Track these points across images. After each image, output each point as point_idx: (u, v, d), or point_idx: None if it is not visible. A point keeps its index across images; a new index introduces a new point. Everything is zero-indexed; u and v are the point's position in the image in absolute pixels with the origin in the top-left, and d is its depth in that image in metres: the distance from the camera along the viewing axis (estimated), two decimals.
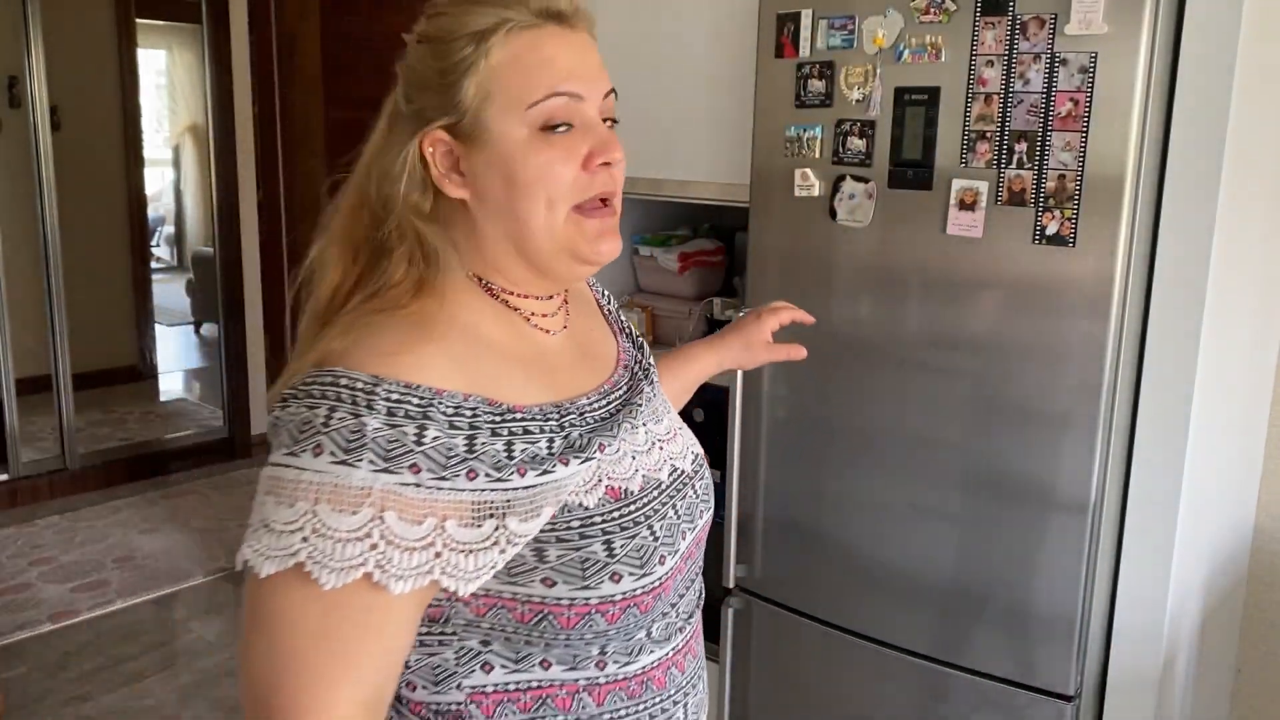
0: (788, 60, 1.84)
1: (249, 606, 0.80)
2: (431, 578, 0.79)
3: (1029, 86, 1.61)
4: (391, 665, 0.82)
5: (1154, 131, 1.59)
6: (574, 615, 0.86)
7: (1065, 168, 1.59)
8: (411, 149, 0.88)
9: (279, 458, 0.79)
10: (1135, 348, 1.66)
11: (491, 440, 0.82)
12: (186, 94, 5.37)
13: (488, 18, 0.86)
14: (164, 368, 5.40)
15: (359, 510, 0.77)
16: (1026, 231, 1.63)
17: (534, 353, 0.92)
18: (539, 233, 0.88)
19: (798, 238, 1.88)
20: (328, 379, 0.80)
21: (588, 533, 0.86)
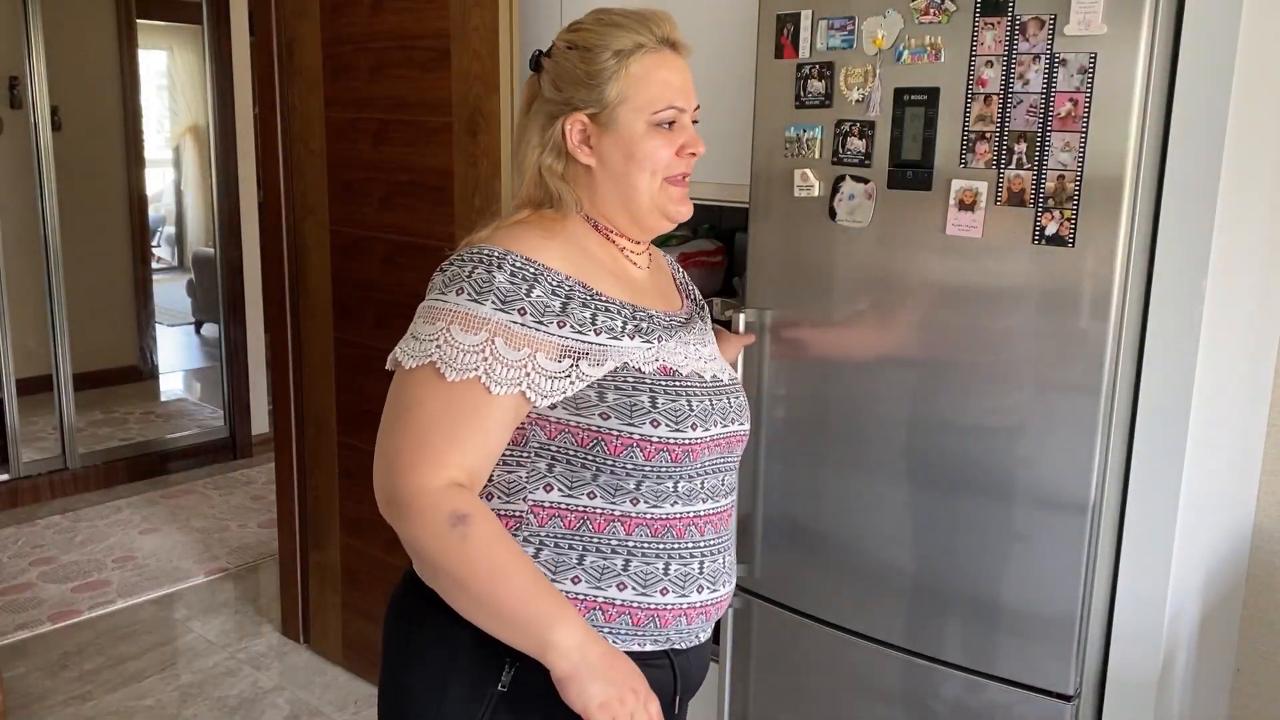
0: (787, 61, 1.84)
1: (392, 397, 1.16)
2: (520, 389, 1.13)
3: (1028, 87, 1.60)
4: (488, 454, 1.15)
5: (1153, 131, 1.59)
6: (619, 445, 1.17)
7: (1064, 168, 1.59)
8: (558, 125, 1.24)
9: (432, 297, 1.16)
10: (1135, 347, 1.66)
11: (581, 309, 1.17)
12: (187, 94, 5.38)
13: (626, 41, 1.22)
14: (165, 368, 5.40)
15: (479, 333, 1.12)
16: (1026, 232, 1.62)
17: (622, 272, 1.27)
18: (642, 194, 1.25)
19: (797, 238, 1.88)
20: (475, 251, 1.17)
21: (638, 387, 1.18)
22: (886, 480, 1.81)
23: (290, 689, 2.89)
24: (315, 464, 2.94)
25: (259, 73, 2.92)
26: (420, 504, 1.10)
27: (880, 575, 1.84)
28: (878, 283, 1.80)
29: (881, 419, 1.82)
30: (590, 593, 1.19)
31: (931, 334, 1.75)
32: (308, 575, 3.04)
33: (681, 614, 1.24)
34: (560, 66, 1.24)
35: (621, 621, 1.21)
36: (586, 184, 1.26)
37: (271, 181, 2.89)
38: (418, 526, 1.10)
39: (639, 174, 1.24)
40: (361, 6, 2.52)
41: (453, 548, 1.09)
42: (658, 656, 1.24)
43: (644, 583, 1.21)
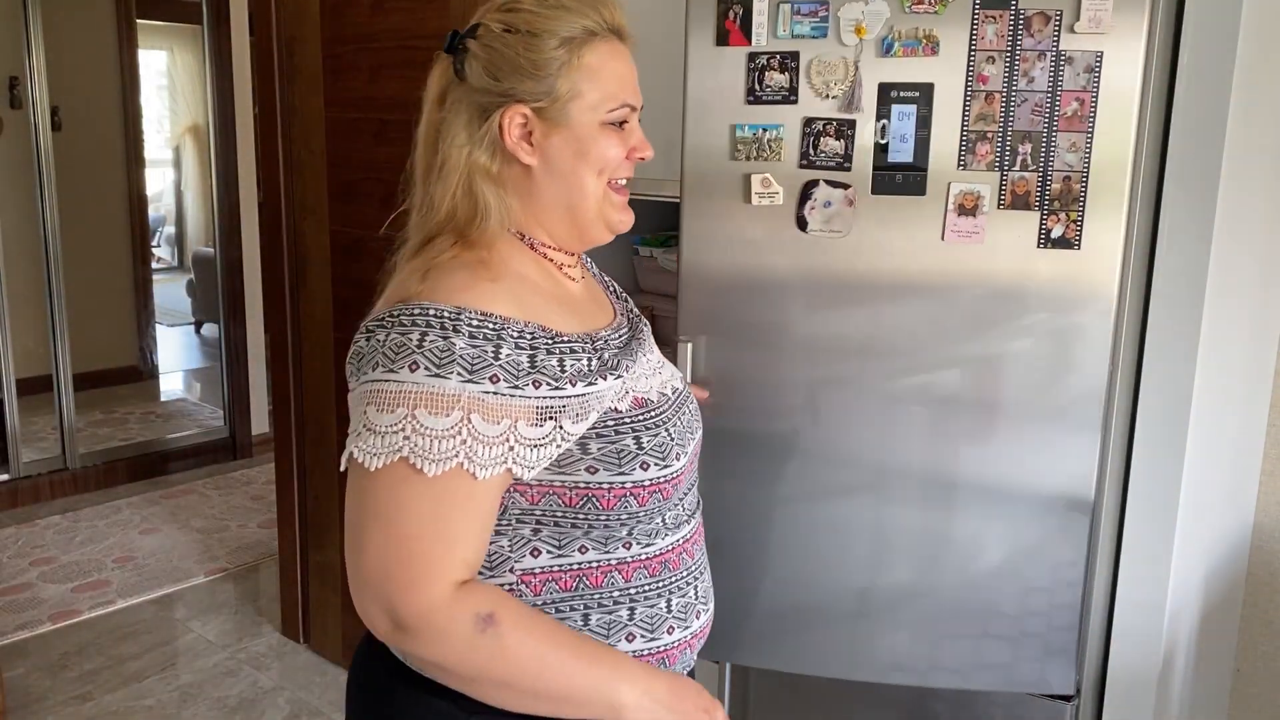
0: (735, 49, 1.65)
1: (358, 503, 0.99)
2: (506, 466, 1.00)
3: (1033, 85, 1.55)
4: (484, 540, 1.03)
5: (1154, 131, 1.59)
6: (612, 497, 1.07)
7: (1070, 169, 1.56)
8: (494, 119, 1.08)
9: (377, 375, 0.99)
10: (1135, 348, 1.66)
11: (548, 358, 1.03)
12: (187, 94, 5.37)
13: (575, 26, 1.08)
14: (164, 368, 5.40)
15: (450, 413, 0.97)
16: (1031, 235, 1.59)
17: (563, 294, 1.15)
18: (589, 198, 1.12)
19: (754, 251, 1.71)
20: (416, 311, 1.00)
21: (620, 429, 1.07)
22: (877, 501, 1.75)
23: (290, 689, 2.89)
24: (315, 464, 2.93)
25: (259, 73, 2.92)
26: (435, 623, 0.97)
27: (882, 576, 1.83)
28: (862, 294, 1.70)
29: (874, 430, 1.73)
30: None
31: (929, 340, 1.70)
32: (308, 575, 3.04)
33: (686, 645, 1.19)
34: (496, 52, 1.07)
35: None
36: (523, 189, 1.12)
37: (271, 181, 2.89)
38: (439, 646, 0.98)
39: (587, 174, 1.11)
40: (361, 6, 2.52)
41: (488, 654, 0.98)
42: None
43: (651, 627, 1.13)
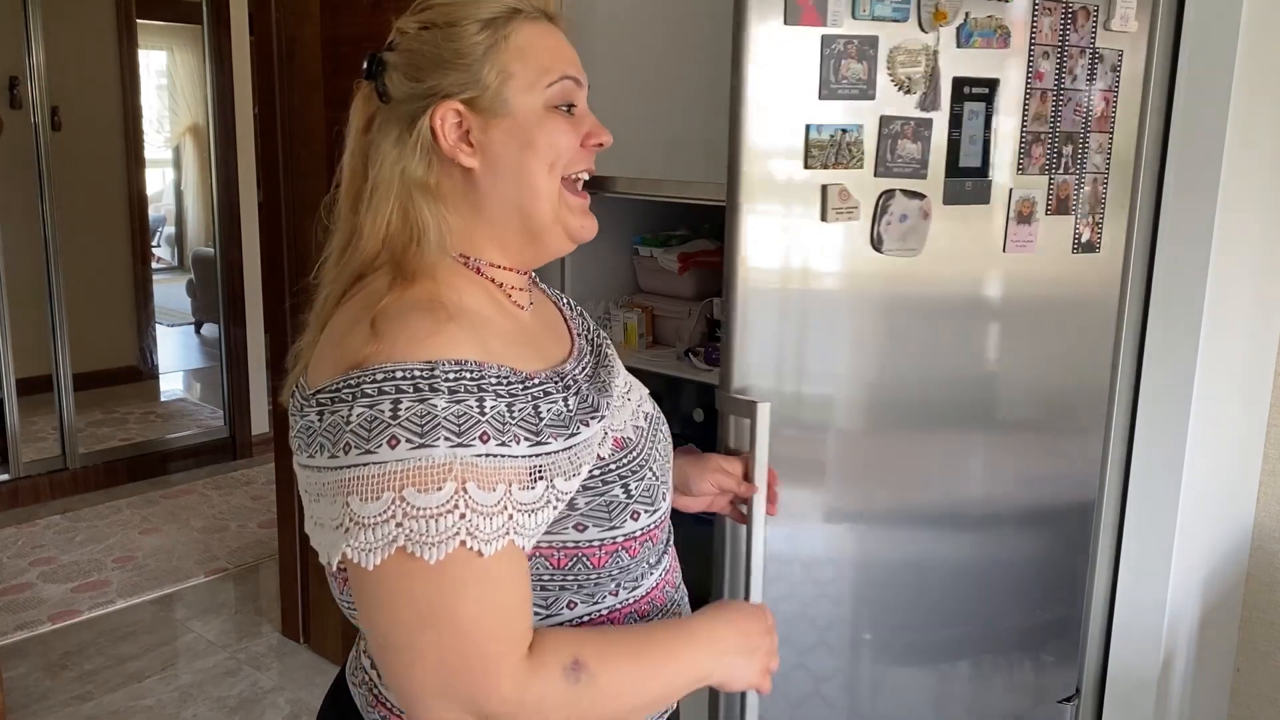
0: (808, 30, 1.31)
1: (375, 610, 0.86)
2: (508, 539, 0.86)
3: (1075, 83, 1.46)
4: (528, 599, 0.90)
5: (1154, 131, 1.59)
6: (604, 554, 0.96)
7: (1097, 171, 1.52)
8: (423, 123, 0.95)
9: (351, 459, 0.83)
10: (1135, 348, 1.66)
11: (524, 405, 0.89)
12: (187, 94, 5.37)
13: (494, 8, 0.96)
14: (164, 368, 5.39)
15: (443, 486, 0.82)
16: (1067, 241, 1.52)
17: (517, 327, 1.00)
18: (543, 197, 0.97)
19: (819, 282, 1.39)
20: (380, 375, 0.84)
21: (607, 479, 0.96)
22: (935, 519, 1.67)
23: (290, 689, 2.89)
24: None
25: (259, 73, 2.92)
26: (530, 699, 0.87)
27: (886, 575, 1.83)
28: (929, 318, 1.47)
29: (931, 461, 1.59)
30: None
31: (983, 362, 1.56)
32: (308, 575, 3.04)
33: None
34: (415, 53, 0.97)
35: None
36: (468, 199, 0.98)
37: (271, 181, 2.89)
38: (544, 717, 0.89)
39: (538, 169, 0.96)
40: (361, 7, 2.52)
41: (590, 699, 0.90)
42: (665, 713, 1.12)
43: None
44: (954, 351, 1.52)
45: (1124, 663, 1.72)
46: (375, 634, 0.88)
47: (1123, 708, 1.73)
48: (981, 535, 1.72)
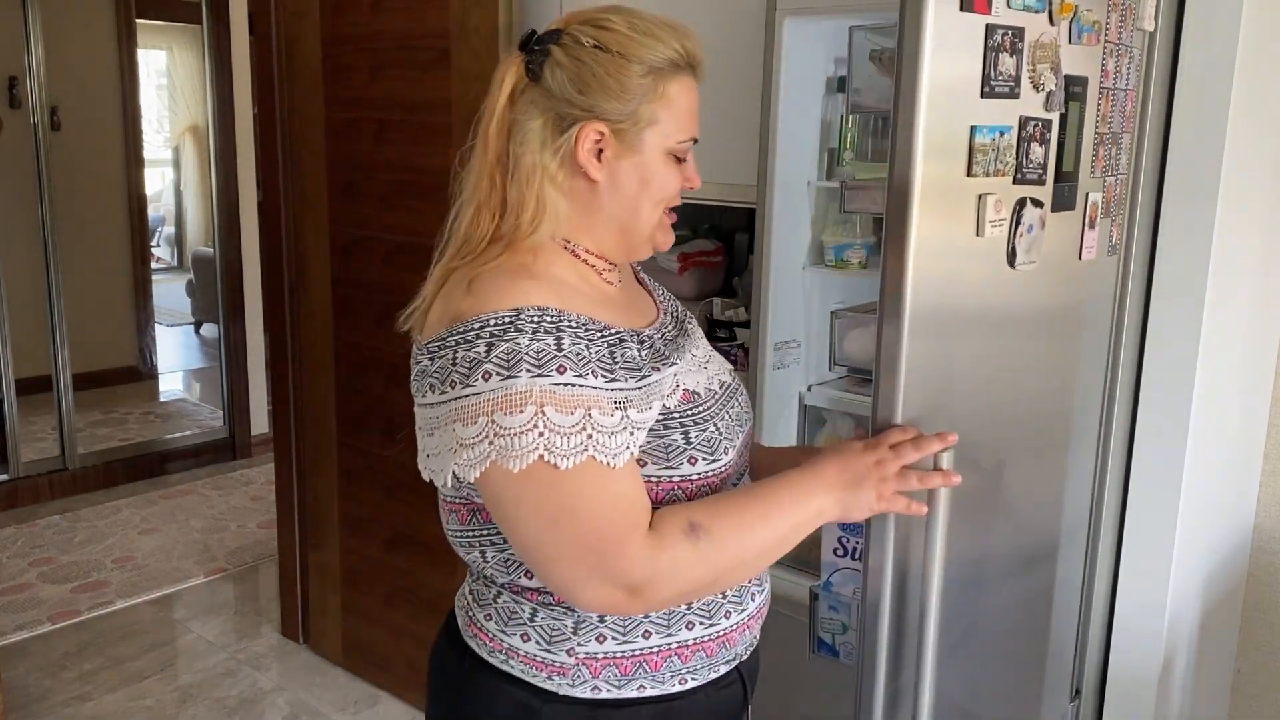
0: (978, 18, 1.16)
1: (513, 509, 1.03)
2: (588, 455, 1.02)
3: (1123, 82, 1.42)
4: (636, 487, 1.06)
5: (1155, 131, 1.59)
6: (660, 491, 1.09)
7: (1124, 171, 1.51)
8: (572, 133, 1.10)
9: (457, 392, 1.02)
10: (1135, 348, 1.66)
11: (600, 348, 1.06)
12: (187, 94, 5.37)
13: (661, 56, 1.10)
14: (164, 368, 5.39)
15: (524, 410, 1.00)
16: (1105, 245, 1.51)
17: (603, 295, 1.16)
18: (644, 224, 1.15)
19: (963, 306, 1.26)
20: (475, 325, 1.03)
21: (669, 425, 1.10)
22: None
23: (290, 689, 2.89)
24: (315, 464, 2.93)
25: (259, 73, 2.91)
26: (661, 563, 1.03)
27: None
28: (1036, 333, 1.40)
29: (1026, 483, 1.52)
30: (663, 642, 1.15)
31: (1057, 376, 1.51)
32: (307, 576, 3.04)
33: (745, 627, 1.22)
34: (584, 66, 1.10)
35: (697, 658, 1.17)
36: (582, 200, 1.14)
37: (271, 181, 2.89)
38: (677, 577, 1.05)
39: (647, 202, 1.14)
40: (361, 6, 2.52)
41: (713, 553, 1.06)
42: (729, 676, 1.22)
43: (710, 615, 1.17)
44: (1048, 365, 1.48)
45: (1124, 663, 1.72)
46: (514, 540, 1.07)
47: (1123, 708, 1.73)
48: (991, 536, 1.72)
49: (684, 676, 1.17)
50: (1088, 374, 1.60)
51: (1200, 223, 1.58)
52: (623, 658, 1.14)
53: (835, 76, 2.09)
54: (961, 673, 1.65)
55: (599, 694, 1.14)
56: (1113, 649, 1.73)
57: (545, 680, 1.14)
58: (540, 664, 1.14)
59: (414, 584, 2.70)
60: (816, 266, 2.05)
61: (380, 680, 2.88)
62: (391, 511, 2.72)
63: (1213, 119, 1.56)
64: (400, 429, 2.65)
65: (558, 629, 1.13)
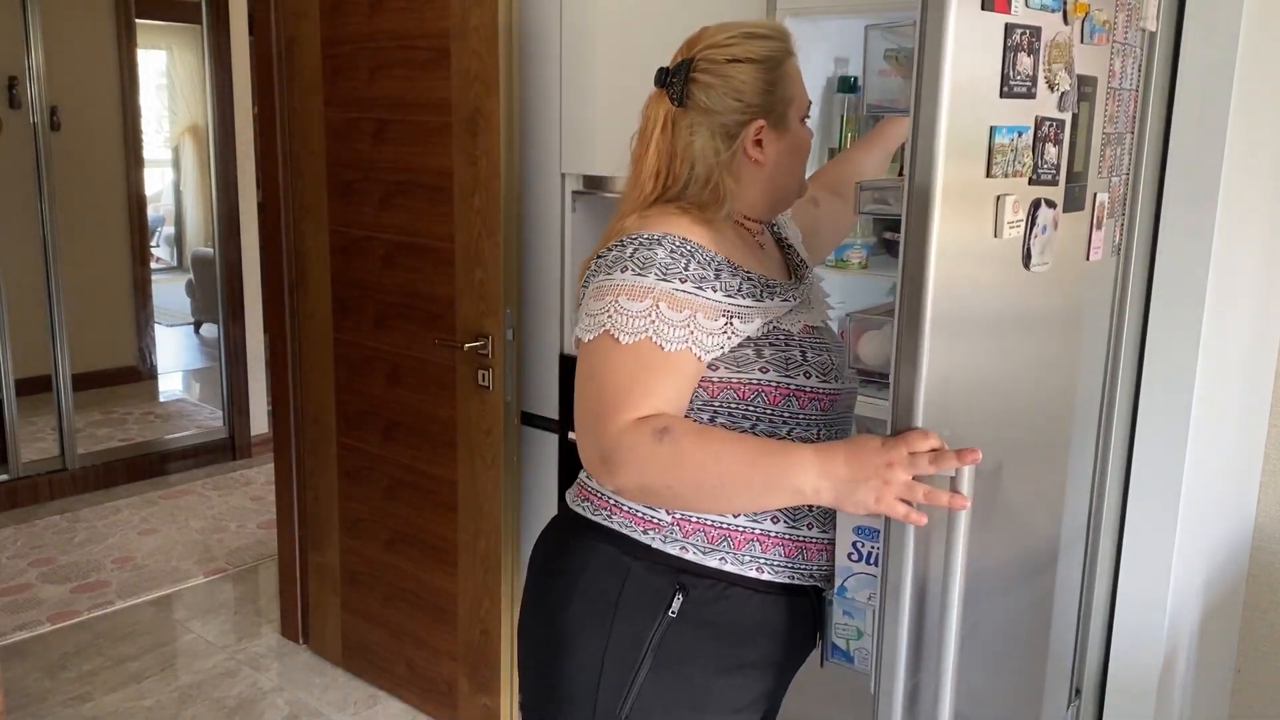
0: (998, 17, 1.15)
1: (581, 370, 1.26)
2: (687, 345, 1.24)
3: (1127, 83, 1.44)
4: (675, 397, 1.24)
5: (1155, 130, 1.59)
6: (778, 395, 1.29)
7: (1127, 171, 1.52)
8: (745, 134, 1.33)
9: (600, 279, 1.27)
10: (1135, 348, 1.66)
11: (731, 278, 1.29)
12: (186, 94, 5.37)
13: (778, 49, 1.35)
14: (164, 368, 5.40)
15: (644, 300, 1.23)
16: (1109, 245, 1.52)
17: (754, 249, 1.40)
18: (796, 178, 1.42)
19: (981, 311, 1.26)
20: (634, 236, 1.28)
21: (790, 343, 1.32)
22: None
23: (289, 690, 2.89)
24: (315, 464, 2.93)
25: (258, 73, 2.91)
26: (625, 442, 1.18)
27: None
28: (1047, 335, 1.40)
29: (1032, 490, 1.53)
30: (749, 525, 1.30)
31: (1065, 379, 1.51)
32: (307, 576, 3.04)
33: (824, 549, 1.33)
34: (731, 80, 1.32)
35: (775, 552, 1.31)
36: (749, 178, 1.37)
37: (271, 181, 2.89)
38: (632, 462, 1.18)
39: (798, 166, 1.40)
40: (361, 7, 2.52)
41: (671, 458, 1.17)
42: (802, 593, 1.35)
43: (794, 517, 1.31)
44: (1060, 368, 1.47)
45: (1124, 663, 1.72)
46: (576, 391, 1.26)
47: (1123, 708, 1.73)
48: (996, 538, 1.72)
49: (761, 565, 1.31)
50: (1088, 374, 1.60)
51: (1201, 223, 1.58)
52: (712, 527, 1.29)
53: (836, 76, 2.09)
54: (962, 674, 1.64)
55: (685, 554, 1.29)
56: (1113, 649, 1.73)
57: (641, 534, 1.30)
58: (640, 519, 1.31)
59: (414, 584, 2.70)
60: (816, 266, 2.04)
61: (380, 680, 2.87)
62: (391, 511, 2.72)
63: (1213, 119, 1.56)
64: (400, 428, 2.66)
65: None
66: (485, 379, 2.39)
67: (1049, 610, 1.67)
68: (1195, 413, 1.63)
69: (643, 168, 1.36)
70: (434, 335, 2.49)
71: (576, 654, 1.31)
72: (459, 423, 2.49)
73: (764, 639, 1.34)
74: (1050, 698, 1.70)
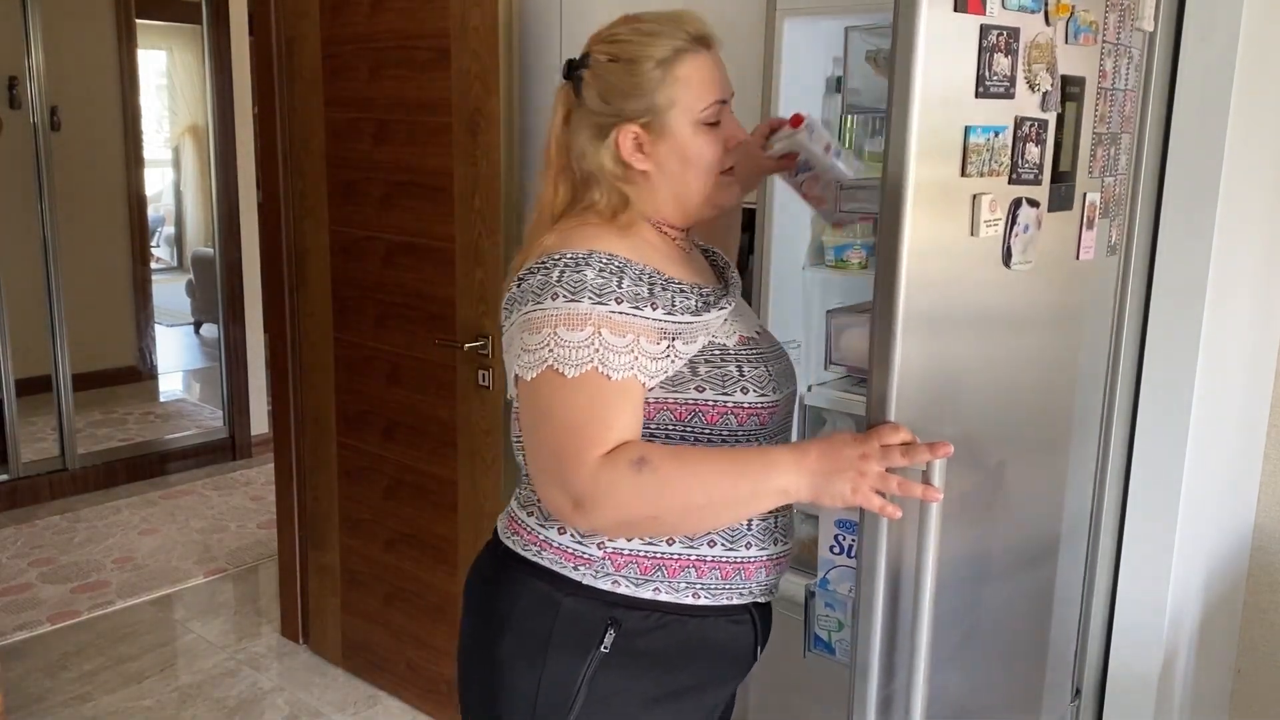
0: (971, 18, 1.17)
1: (528, 410, 1.20)
2: (633, 372, 1.18)
3: (1121, 83, 1.44)
4: (631, 424, 1.19)
5: (1155, 131, 1.59)
6: (715, 413, 1.24)
7: (1123, 172, 1.52)
8: (613, 136, 1.26)
9: (528, 309, 1.19)
10: (1135, 348, 1.66)
11: (663, 293, 1.23)
12: (186, 94, 5.37)
13: (665, 48, 1.24)
14: (164, 368, 5.39)
15: (584, 329, 1.16)
16: (1104, 245, 1.52)
17: (677, 256, 1.33)
18: (696, 193, 1.30)
19: (962, 306, 1.28)
20: (555, 256, 1.21)
21: (725, 358, 1.26)
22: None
23: (290, 690, 2.89)
24: (315, 464, 2.93)
25: (259, 73, 2.91)
26: (602, 482, 1.14)
27: None
28: (1030, 332, 1.41)
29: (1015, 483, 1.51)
30: (684, 551, 1.26)
31: (1051, 377, 1.52)
32: (307, 576, 3.04)
33: (763, 566, 1.30)
34: (604, 80, 1.27)
35: (712, 576, 1.28)
36: (643, 186, 1.30)
37: (271, 182, 2.89)
38: (612, 501, 1.14)
39: (694, 176, 1.28)
40: (361, 7, 2.52)
41: (654, 488, 1.14)
42: (741, 611, 1.32)
43: (731, 539, 1.28)
44: (1041, 365, 1.48)
45: (1124, 663, 1.72)
46: (524, 432, 1.22)
47: (1123, 708, 1.73)
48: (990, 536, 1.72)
49: (697, 590, 1.27)
50: (1087, 374, 1.60)
51: (1201, 223, 1.58)
52: (645, 557, 1.26)
53: (834, 76, 2.09)
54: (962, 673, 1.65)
55: (618, 588, 1.26)
56: (1113, 649, 1.73)
57: (571, 570, 1.26)
58: (570, 554, 1.26)
59: (414, 584, 2.70)
60: (817, 267, 2.05)
61: (380, 680, 2.88)
62: (391, 511, 2.72)
63: (1213, 119, 1.56)
64: (400, 428, 2.66)
65: None
66: (485, 379, 2.39)
67: (1048, 608, 1.67)
68: (1195, 412, 1.64)
69: (549, 162, 1.32)
70: (434, 335, 2.49)
71: (512, 694, 1.29)
72: (459, 423, 2.49)
73: (701, 662, 1.31)
74: (1051, 696, 1.70)
